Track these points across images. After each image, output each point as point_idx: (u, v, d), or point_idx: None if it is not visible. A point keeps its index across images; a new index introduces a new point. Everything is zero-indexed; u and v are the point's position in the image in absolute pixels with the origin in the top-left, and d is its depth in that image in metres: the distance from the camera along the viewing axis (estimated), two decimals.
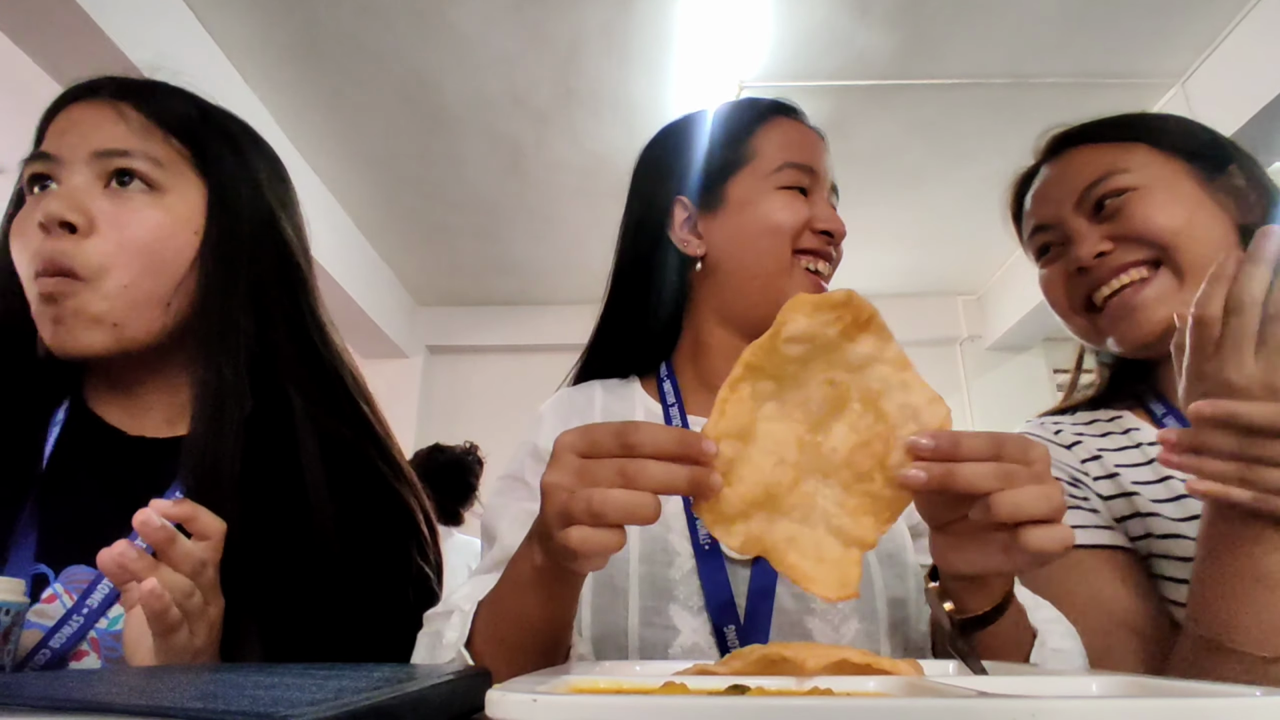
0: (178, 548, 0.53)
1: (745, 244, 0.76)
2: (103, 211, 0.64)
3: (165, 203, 0.66)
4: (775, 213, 0.75)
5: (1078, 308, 0.83)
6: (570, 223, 3.85)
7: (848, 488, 0.44)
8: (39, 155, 0.65)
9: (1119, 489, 0.75)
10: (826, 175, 0.79)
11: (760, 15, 2.55)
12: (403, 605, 0.71)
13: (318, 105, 2.98)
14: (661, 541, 0.66)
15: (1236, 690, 0.28)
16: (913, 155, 3.34)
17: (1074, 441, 0.81)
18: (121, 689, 0.35)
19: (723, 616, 0.62)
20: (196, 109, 0.72)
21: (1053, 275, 0.85)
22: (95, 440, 0.71)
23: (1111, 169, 0.78)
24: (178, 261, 0.67)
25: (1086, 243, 0.78)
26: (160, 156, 0.66)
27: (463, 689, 0.38)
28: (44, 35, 2.09)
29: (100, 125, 0.65)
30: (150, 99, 0.68)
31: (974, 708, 0.26)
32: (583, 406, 0.79)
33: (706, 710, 0.27)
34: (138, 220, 0.64)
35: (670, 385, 0.78)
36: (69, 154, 0.64)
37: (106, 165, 0.64)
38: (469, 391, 4.76)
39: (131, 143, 0.65)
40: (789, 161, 0.76)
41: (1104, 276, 0.78)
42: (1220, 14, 2.56)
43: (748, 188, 0.77)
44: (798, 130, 0.80)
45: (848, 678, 0.35)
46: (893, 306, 4.45)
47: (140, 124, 0.66)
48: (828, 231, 0.76)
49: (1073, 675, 0.38)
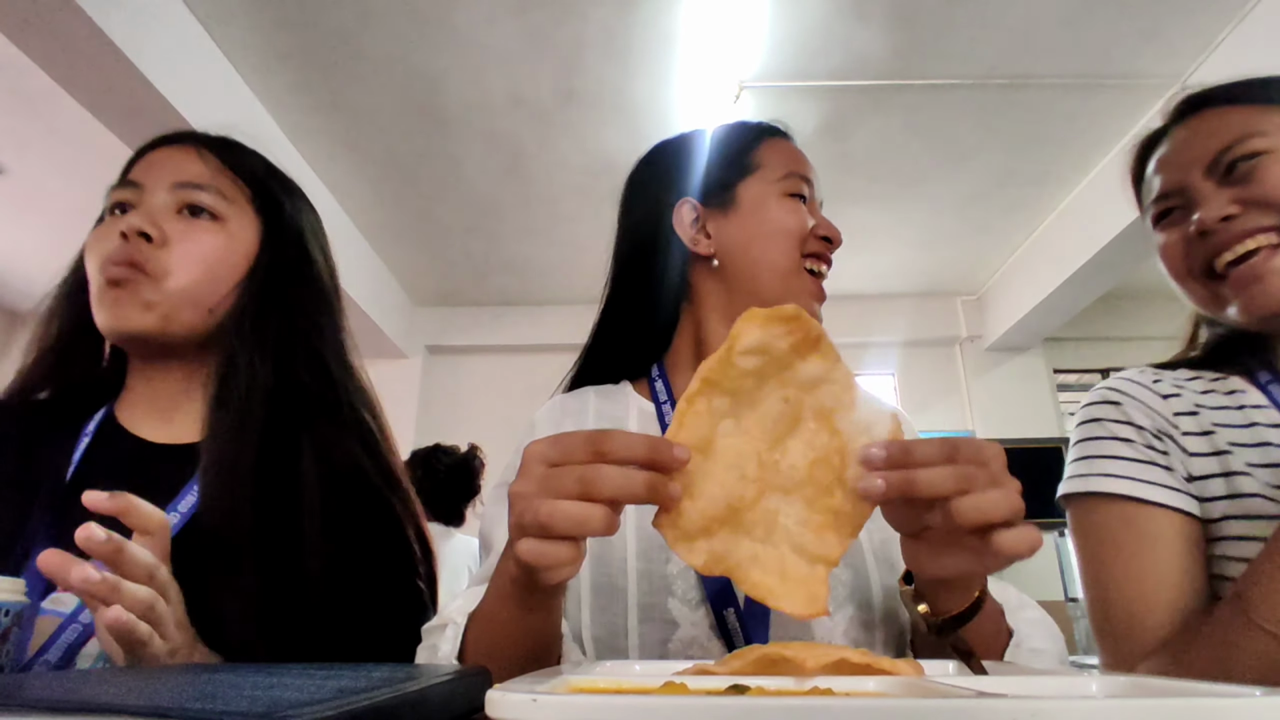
0: (127, 557, 0.52)
1: (758, 243, 0.78)
2: (175, 230, 0.75)
3: (226, 230, 0.78)
4: (785, 216, 0.79)
5: (1197, 273, 0.78)
6: (570, 223, 3.85)
7: (810, 504, 0.44)
8: (126, 183, 0.77)
9: (1213, 447, 0.74)
10: (817, 189, 0.84)
11: (760, 16, 2.55)
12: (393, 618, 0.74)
13: (319, 106, 2.98)
14: (659, 538, 0.66)
15: (1237, 690, 0.28)
16: (912, 155, 3.34)
17: (1172, 393, 0.79)
18: (121, 689, 0.35)
19: (721, 601, 0.63)
20: (262, 165, 0.85)
21: (1172, 239, 0.80)
22: (120, 448, 0.76)
23: (1247, 131, 0.74)
24: (229, 277, 0.78)
25: (1213, 205, 0.74)
26: (227, 193, 0.79)
27: (462, 689, 0.38)
28: (46, 39, 2.09)
29: (183, 163, 0.78)
30: (227, 149, 0.82)
31: (974, 708, 0.26)
32: (576, 412, 0.79)
33: (706, 710, 0.27)
34: (202, 240, 0.76)
35: (663, 384, 0.79)
36: (152, 183, 0.76)
37: (183, 196, 0.76)
38: (468, 392, 4.77)
39: (205, 178, 0.78)
40: (792, 171, 0.80)
41: (1228, 241, 0.73)
42: (1220, 14, 2.56)
43: (758, 192, 0.80)
44: (792, 148, 0.85)
45: (848, 678, 0.35)
46: (893, 307, 4.46)
47: (215, 165, 0.79)
48: (828, 238, 0.80)
49: (1073, 675, 0.38)
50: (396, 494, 0.80)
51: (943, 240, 4.12)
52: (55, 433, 0.76)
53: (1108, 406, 0.80)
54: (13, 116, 2.99)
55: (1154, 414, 0.77)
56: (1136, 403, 0.78)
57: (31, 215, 3.71)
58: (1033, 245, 4.11)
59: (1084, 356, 4.83)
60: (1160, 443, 0.76)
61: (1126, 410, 0.78)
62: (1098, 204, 3.49)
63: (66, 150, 3.19)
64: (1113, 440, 0.77)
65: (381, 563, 0.76)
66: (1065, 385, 4.86)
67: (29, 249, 4.05)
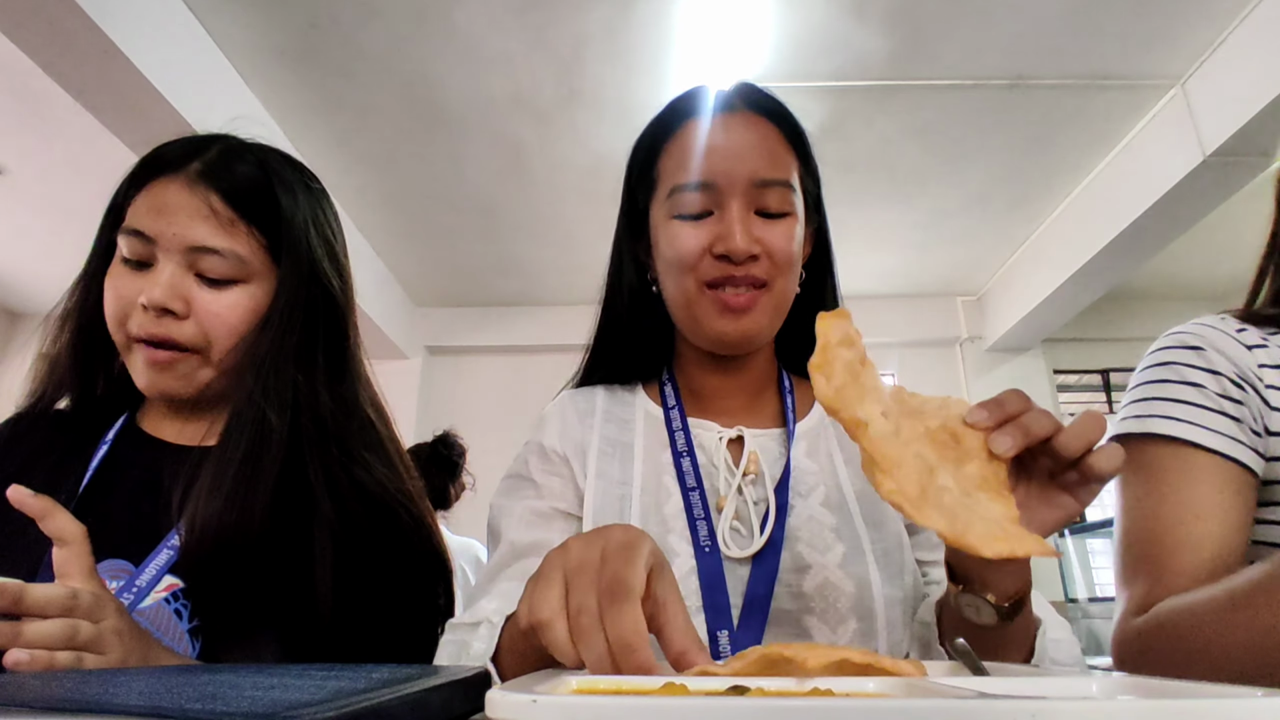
0: (30, 600, 0.51)
1: (663, 276, 0.75)
2: (198, 299, 0.73)
3: (249, 290, 0.76)
4: (668, 248, 0.71)
5: None
6: (571, 224, 3.85)
7: (957, 477, 0.45)
8: (137, 235, 0.72)
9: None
10: (740, 179, 0.68)
11: (760, 17, 2.55)
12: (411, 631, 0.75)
13: (319, 106, 2.98)
14: (661, 541, 0.66)
15: (1237, 691, 0.28)
16: (912, 156, 3.34)
17: (1257, 344, 0.76)
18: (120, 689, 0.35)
19: (717, 620, 0.62)
20: (262, 171, 0.79)
21: None
22: (140, 451, 0.77)
23: None
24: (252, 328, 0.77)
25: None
26: (244, 254, 0.75)
27: (462, 690, 0.38)
28: (45, 37, 2.09)
29: (193, 221, 0.73)
30: (228, 178, 0.75)
31: (974, 708, 0.26)
32: (585, 409, 0.79)
33: (706, 710, 0.27)
34: (229, 307, 0.74)
35: (672, 389, 0.79)
36: (166, 243, 0.72)
37: (199, 263, 0.73)
38: (468, 392, 4.76)
39: (220, 241, 0.73)
40: (677, 185, 0.70)
41: None
42: (1220, 15, 2.56)
43: (657, 216, 0.74)
44: (688, 144, 0.71)
45: (848, 678, 0.35)
46: (893, 307, 4.46)
47: (228, 219, 0.74)
48: (726, 255, 0.67)
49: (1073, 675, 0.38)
50: (410, 507, 0.80)
51: (943, 240, 4.12)
52: (78, 441, 0.77)
53: (1186, 351, 0.77)
54: (13, 116, 2.99)
55: (1236, 362, 0.74)
56: (1218, 350, 0.76)
57: (31, 215, 3.71)
58: (1033, 246, 4.11)
59: (1084, 357, 4.83)
60: (1239, 390, 0.73)
61: (1208, 356, 0.75)
62: (1098, 204, 3.50)
63: (66, 150, 3.18)
64: (1183, 385, 0.75)
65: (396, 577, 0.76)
66: (1065, 386, 4.86)
67: (29, 249, 4.05)
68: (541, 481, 0.73)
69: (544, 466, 0.74)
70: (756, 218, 0.69)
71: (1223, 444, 0.71)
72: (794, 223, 0.71)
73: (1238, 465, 0.71)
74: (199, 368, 0.74)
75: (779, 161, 0.71)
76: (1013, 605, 0.51)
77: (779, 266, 0.69)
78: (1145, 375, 0.79)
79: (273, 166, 0.80)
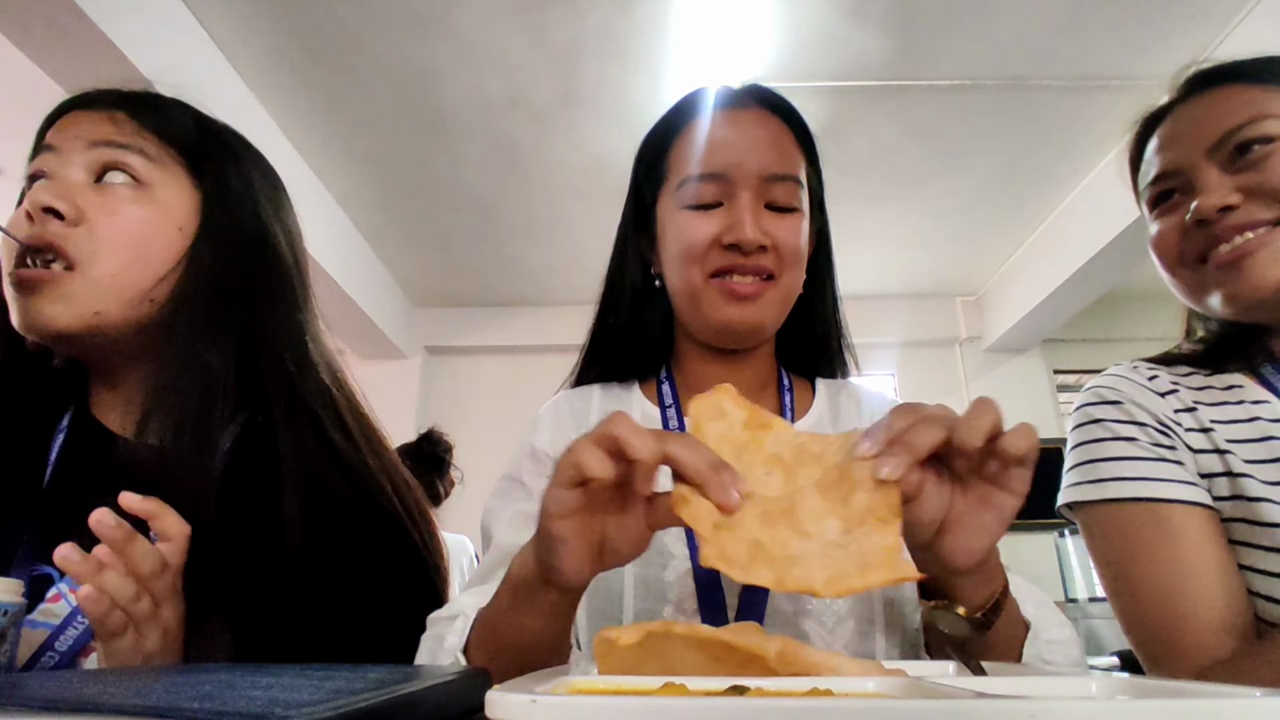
0: (135, 548, 0.53)
1: (670, 268, 0.75)
2: (91, 203, 0.65)
3: (153, 197, 0.67)
4: (676, 238, 0.71)
5: (1189, 263, 0.74)
6: (570, 224, 3.85)
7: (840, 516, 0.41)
8: (43, 148, 0.67)
9: (1212, 444, 0.71)
10: (751, 172, 0.69)
11: (759, 17, 2.55)
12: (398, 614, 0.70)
13: (317, 106, 2.98)
14: (656, 543, 0.66)
15: (1237, 691, 0.28)
16: (911, 157, 3.34)
17: (1169, 390, 0.75)
18: (119, 689, 0.35)
19: (714, 621, 0.62)
20: (193, 120, 0.74)
21: (1166, 229, 0.75)
22: (98, 446, 0.72)
23: (1261, 113, 0.68)
24: (163, 255, 0.68)
25: (1214, 193, 0.69)
26: (151, 153, 0.68)
27: (461, 690, 0.38)
28: (47, 39, 2.09)
29: (97, 124, 0.67)
30: (147, 109, 0.70)
31: (973, 708, 0.26)
32: (580, 410, 0.79)
33: (706, 710, 0.27)
34: (126, 213, 0.66)
35: (669, 387, 0.78)
36: (66, 145, 0.66)
37: (100, 156, 0.66)
38: (468, 392, 4.76)
39: (123, 138, 0.67)
40: (688, 176, 0.71)
41: (1225, 234, 0.69)
42: (1220, 15, 2.56)
43: (666, 207, 0.74)
44: (698, 136, 0.72)
45: (848, 679, 0.35)
46: (892, 307, 4.45)
47: (134, 128, 0.68)
48: (736, 244, 0.67)
49: (1072, 675, 0.38)
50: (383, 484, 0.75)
51: (942, 241, 4.12)
52: (27, 431, 0.70)
53: (1107, 407, 0.76)
54: (13, 117, 2.99)
55: (1152, 412, 0.74)
56: (1134, 402, 0.75)
57: None
58: (1032, 246, 4.11)
59: (1083, 357, 4.83)
60: (1167, 438, 0.72)
61: (1127, 409, 0.75)
62: (1097, 204, 3.50)
63: None
64: (1117, 441, 0.73)
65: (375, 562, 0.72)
66: (1065, 386, 4.86)
67: None
68: (532, 484, 0.73)
69: (535, 469, 0.74)
70: (766, 211, 0.70)
71: (1182, 491, 0.69)
72: (801, 219, 0.72)
73: (1202, 508, 0.69)
74: (81, 290, 0.63)
75: (789, 157, 0.72)
76: (986, 615, 0.50)
77: (786, 260, 0.70)
78: (1077, 436, 0.78)
79: (203, 117, 0.75)
